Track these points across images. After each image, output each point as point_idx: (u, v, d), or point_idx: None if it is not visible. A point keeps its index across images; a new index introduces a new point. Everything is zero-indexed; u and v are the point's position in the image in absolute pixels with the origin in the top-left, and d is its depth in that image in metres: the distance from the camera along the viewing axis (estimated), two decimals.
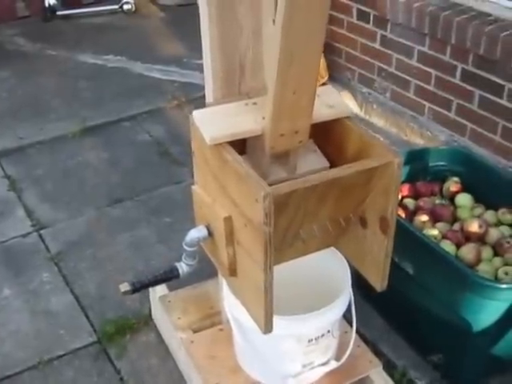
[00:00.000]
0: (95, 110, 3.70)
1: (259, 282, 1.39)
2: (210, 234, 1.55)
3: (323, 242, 1.62)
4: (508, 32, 2.86)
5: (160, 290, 2.20)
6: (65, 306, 2.45)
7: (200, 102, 3.65)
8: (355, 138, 1.49)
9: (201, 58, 1.59)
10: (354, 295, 1.85)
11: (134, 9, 4.98)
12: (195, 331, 2.06)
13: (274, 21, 1.56)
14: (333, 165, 1.57)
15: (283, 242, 1.50)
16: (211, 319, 2.10)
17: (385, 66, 3.60)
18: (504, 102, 2.96)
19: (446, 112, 3.30)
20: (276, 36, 1.24)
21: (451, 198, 2.38)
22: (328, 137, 1.57)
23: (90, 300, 2.48)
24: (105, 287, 2.52)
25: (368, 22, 3.61)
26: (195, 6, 5.12)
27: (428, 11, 3.16)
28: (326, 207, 1.46)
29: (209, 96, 1.59)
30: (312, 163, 1.57)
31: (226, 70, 1.55)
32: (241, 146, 1.51)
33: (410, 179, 2.41)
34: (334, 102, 1.51)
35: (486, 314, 1.87)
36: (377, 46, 3.60)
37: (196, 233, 1.56)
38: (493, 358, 2.00)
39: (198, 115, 1.45)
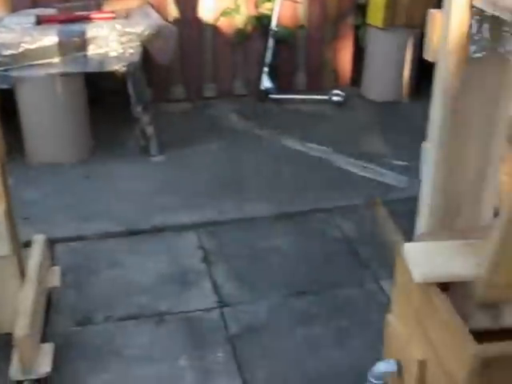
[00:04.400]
0: (292, 196, 3.80)
1: None
2: (400, 370, 1.50)
3: None
4: None
5: None
6: None
7: (395, 205, 3.67)
8: None
9: (401, 158, 1.59)
10: None
11: (342, 101, 5.12)
12: None
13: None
14: None
15: None
16: None
17: None
18: None
19: None
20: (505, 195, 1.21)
21: None
22: None
23: None
24: (273, 381, 2.53)
25: None
26: (402, 104, 5.15)
27: None
28: None
29: (420, 227, 1.57)
30: None
31: (443, 206, 1.52)
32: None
33: None
34: None
35: None
36: None
37: (385, 366, 1.52)
38: None
39: (409, 249, 1.44)
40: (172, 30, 4.34)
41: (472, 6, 1.44)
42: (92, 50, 4.06)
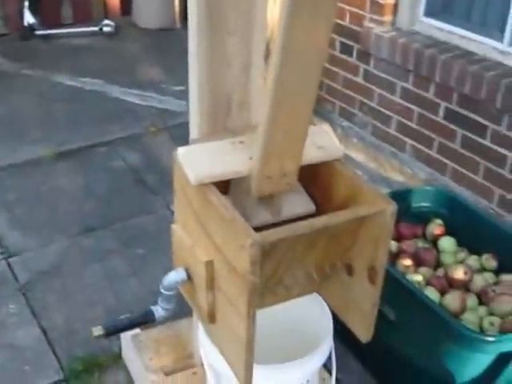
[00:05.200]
0: (70, 133, 3.60)
1: (240, 332, 1.31)
2: (190, 277, 1.47)
3: (307, 288, 1.55)
4: (493, 72, 2.85)
5: None
6: (31, 340, 2.34)
7: (177, 130, 3.63)
8: (345, 183, 1.43)
9: (179, 83, 1.53)
10: (333, 338, 1.77)
11: (114, 31, 4.92)
12: (167, 374, 1.97)
13: (264, 57, 1.52)
14: (320, 208, 1.51)
15: (265, 288, 1.42)
16: (184, 361, 2.01)
17: (366, 101, 3.57)
18: (487, 142, 2.94)
19: (427, 150, 3.28)
20: (269, 79, 1.18)
21: (434, 241, 2.33)
22: (316, 178, 1.51)
23: (58, 334, 2.37)
24: (73, 321, 2.42)
25: (351, 56, 3.59)
26: (175, 30, 5.06)
27: (413, 48, 3.14)
28: (312, 254, 1.39)
29: (193, 132, 1.52)
30: (298, 206, 1.50)
31: (213, 106, 1.48)
32: (224, 184, 1.44)
33: None
34: (324, 143, 1.45)
35: (471, 366, 1.81)
36: (359, 80, 3.57)
37: (174, 276, 1.47)
38: None
39: (182, 153, 1.38)
40: None
41: None
42: None
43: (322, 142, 1.43)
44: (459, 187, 3.14)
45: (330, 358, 1.77)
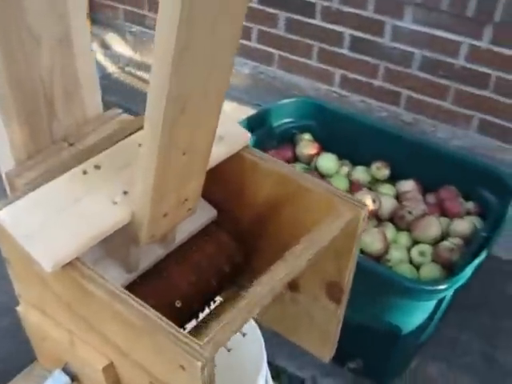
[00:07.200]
0: None
1: None
2: (75, 377, 0.95)
3: None
4: None
5: None
6: None
7: None
8: (267, 179, 0.97)
9: None
10: None
11: None
12: None
13: (88, 15, 0.95)
14: (230, 207, 1.05)
15: None
16: None
17: None
18: (317, 21, 2.55)
19: (245, 41, 2.84)
20: (157, 66, 0.65)
21: (310, 163, 1.96)
22: (217, 173, 1.02)
23: None
24: None
25: None
26: None
27: None
28: None
29: (5, 158, 0.94)
30: (194, 220, 1.02)
31: (25, 109, 0.90)
32: None
33: None
34: (224, 130, 0.94)
35: (415, 315, 1.52)
36: None
37: None
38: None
39: (9, 222, 0.81)
40: None
41: None
42: None
43: (221, 130, 0.93)
44: (293, 75, 2.77)
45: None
